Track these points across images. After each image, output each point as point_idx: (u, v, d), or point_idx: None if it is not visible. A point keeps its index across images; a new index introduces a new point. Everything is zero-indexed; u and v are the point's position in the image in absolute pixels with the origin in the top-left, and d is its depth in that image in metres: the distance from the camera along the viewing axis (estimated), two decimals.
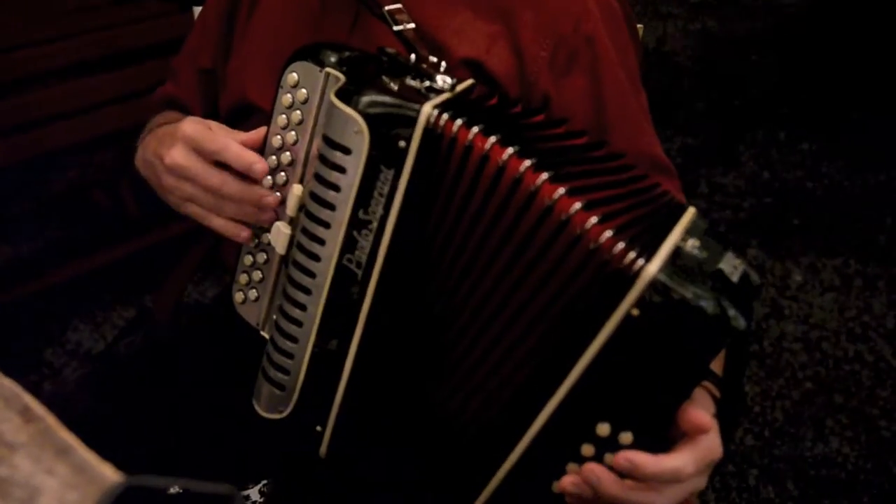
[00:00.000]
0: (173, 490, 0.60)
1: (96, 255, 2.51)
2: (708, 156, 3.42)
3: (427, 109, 0.86)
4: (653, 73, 4.12)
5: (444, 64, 0.97)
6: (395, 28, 1.06)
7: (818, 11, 4.60)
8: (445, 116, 0.85)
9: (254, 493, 1.12)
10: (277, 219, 0.98)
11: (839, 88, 3.85)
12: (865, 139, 3.48)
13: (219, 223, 0.99)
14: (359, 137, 0.86)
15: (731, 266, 0.81)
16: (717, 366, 0.90)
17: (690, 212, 0.86)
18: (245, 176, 0.96)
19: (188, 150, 0.97)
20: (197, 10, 1.91)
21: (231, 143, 0.96)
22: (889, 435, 2.22)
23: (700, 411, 0.78)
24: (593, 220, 0.80)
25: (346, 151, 0.87)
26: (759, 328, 2.59)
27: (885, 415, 2.28)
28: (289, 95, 0.95)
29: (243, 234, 1.00)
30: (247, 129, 1.01)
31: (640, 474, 0.78)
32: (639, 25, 1.25)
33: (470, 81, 0.96)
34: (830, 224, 3.03)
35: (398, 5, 1.07)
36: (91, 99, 2.27)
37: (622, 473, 0.79)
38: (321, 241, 0.90)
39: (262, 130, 0.99)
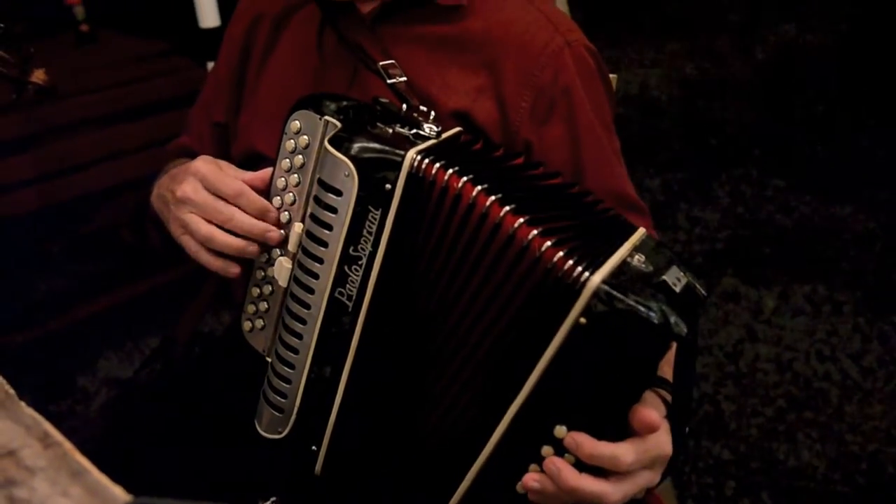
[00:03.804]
0: None
1: (124, 288, 2.53)
2: (687, 192, 3.43)
3: (411, 155, 0.87)
4: (636, 115, 4.15)
5: (433, 113, 0.99)
6: (389, 81, 1.07)
7: (787, 59, 4.63)
8: (427, 161, 0.87)
9: None
10: (281, 254, 0.99)
11: (807, 129, 3.86)
12: (831, 176, 3.48)
13: (207, 258, 0.99)
14: (349, 180, 0.88)
15: (675, 278, 0.82)
16: (669, 373, 0.90)
17: (640, 231, 0.87)
18: None
19: (199, 185, 0.98)
20: (210, 64, 1.94)
21: (247, 189, 0.97)
22: (856, 448, 2.21)
23: (649, 410, 0.79)
24: (548, 243, 0.81)
25: (338, 193, 0.89)
26: (735, 351, 2.58)
27: (851, 429, 2.26)
28: (292, 141, 0.97)
29: (232, 269, 0.99)
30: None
31: (580, 453, 0.79)
32: (613, 75, 1.26)
33: (457, 129, 0.98)
34: (800, 254, 3.03)
35: (392, 61, 1.09)
36: (119, 147, 2.30)
37: (578, 466, 0.80)
38: (315, 276, 0.92)
39: (267, 171, 0.99)
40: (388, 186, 0.87)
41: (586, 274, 0.78)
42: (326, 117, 0.93)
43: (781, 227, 3.19)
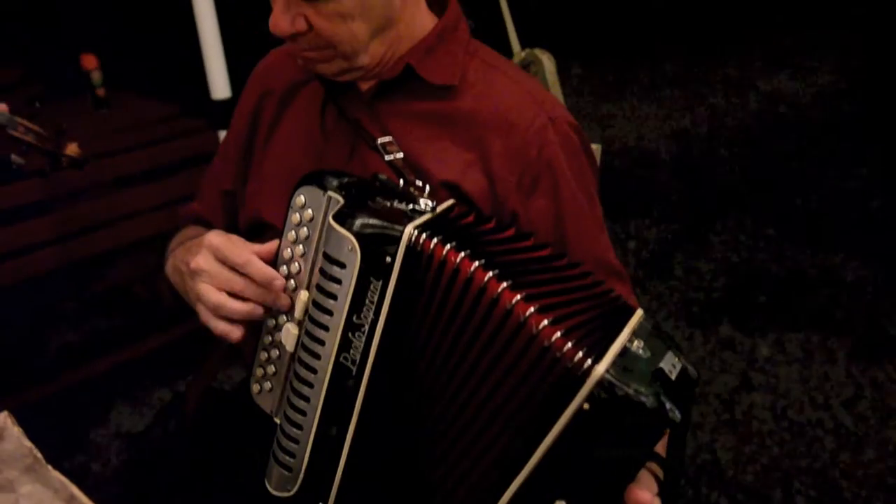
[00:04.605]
0: None
1: (137, 343, 2.58)
2: (682, 242, 3.48)
3: (409, 230, 0.93)
4: (632, 166, 4.22)
5: (427, 187, 1.05)
6: (387, 158, 1.13)
7: (779, 110, 4.72)
8: (424, 236, 0.92)
9: None
10: (287, 320, 1.04)
11: (799, 178, 3.93)
12: (823, 224, 3.54)
13: (215, 324, 1.03)
14: (352, 254, 0.93)
15: (671, 364, 0.87)
16: (661, 448, 0.95)
17: (638, 314, 0.92)
18: None
19: (212, 257, 1.03)
20: (221, 133, 2.01)
21: (254, 258, 1.02)
22: (850, 495, 2.23)
23: (644, 491, 0.83)
24: (545, 321, 0.86)
25: (342, 266, 0.94)
26: (731, 399, 2.61)
27: (845, 476, 2.29)
28: (297, 215, 1.02)
29: (235, 333, 1.03)
30: (262, 242, 1.07)
31: None
32: (596, 146, 1.32)
33: (450, 202, 1.03)
34: (793, 302, 3.07)
35: (389, 138, 1.15)
36: (133, 207, 2.37)
37: None
38: (321, 342, 0.97)
39: (274, 243, 1.05)
40: (388, 259, 0.93)
41: (589, 362, 0.83)
42: (330, 192, 0.99)
43: (775, 275, 3.24)
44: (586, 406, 0.83)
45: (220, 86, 1.98)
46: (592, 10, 5.87)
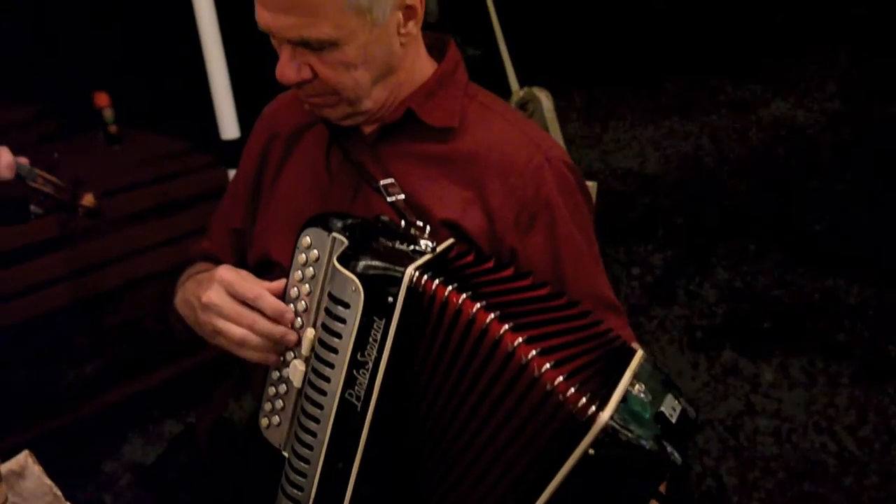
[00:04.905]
0: None
1: (148, 375, 2.61)
2: (686, 267, 3.51)
3: (410, 271, 0.96)
4: (637, 192, 4.25)
5: (428, 228, 1.08)
6: (389, 199, 1.17)
7: (780, 136, 4.76)
8: (425, 277, 0.96)
9: None
10: (294, 357, 1.07)
11: (801, 203, 3.96)
12: (825, 249, 3.56)
13: (248, 354, 1.07)
14: (356, 295, 0.97)
15: (671, 408, 0.91)
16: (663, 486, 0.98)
17: (638, 356, 0.95)
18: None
19: (223, 292, 1.07)
20: (231, 172, 2.06)
21: (265, 293, 1.06)
22: None
23: None
24: (548, 365, 0.89)
25: (346, 306, 0.98)
26: (735, 424, 2.62)
27: (849, 499, 2.30)
28: (303, 255, 1.06)
29: (272, 357, 1.08)
30: (269, 279, 1.10)
31: None
32: (591, 183, 1.35)
33: (449, 242, 1.07)
34: (796, 327, 3.09)
35: (391, 180, 1.19)
36: (144, 243, 2.42)
37: None
38: (327, 379, 1.00)
39: (282, 282, 1.08)
40: (391, 299, 0.96)
41: (593, 408, 0.87)
42: (334, 234, 1.03)
43: (778, 300, 3.26)
44: (591, 451, 0.86)
45: (229, 126, 2.04)
46: (594, 36, 5.94)
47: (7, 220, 2.09)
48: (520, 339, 0.91)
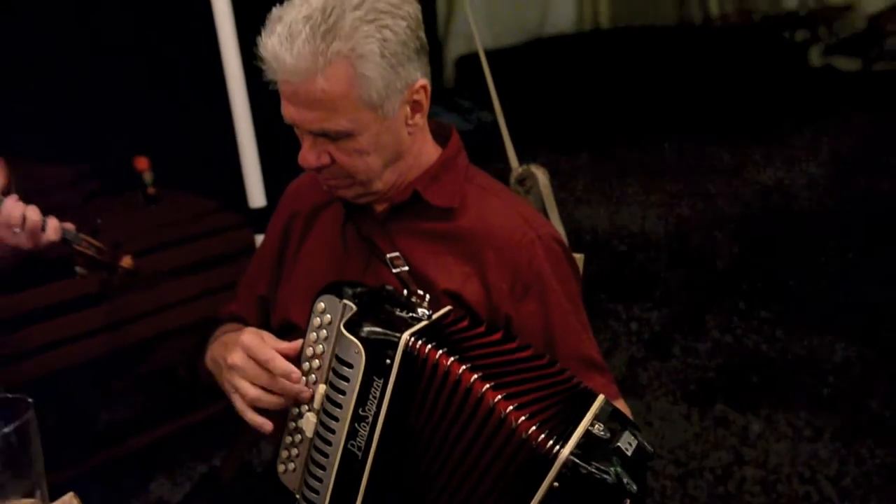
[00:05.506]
0: None
1: (177, 419, 2.72)
2: (680, 324, 3.60)
3: (405, 336, 1.08)
4: (635, 251, 4.36)
5: (428, 296, 1.20)
6: (395, 271, 1.29)
7: (771, 199, 4.86)
8: (420, 342, 1.08)
9: None
10: (308, 410, 1.18)
11: (790, 263, 4.04)
12: (812, 307, 3.64)
13: (251, 416, 1.19)
14: (358, 356, 1.09)
15: (627, 443, 1.03)
16: None
17: (599, 399, 1.07)
18: None
19: (244, 354, 1.19)
20: (258, 237, 2.18)
21: (277, 355, 1.17)
22: None
23: None
24: (523, 417, 1.03)
25: (350, 366, 1.09)
26: (725, 473, 2.69)
27: None
28: (318, 319, 1.18)
29: (267, 427, 1.19)
30: (290, 339, 1.22)
31: None
32: (578, 255, 1.46)
33: (446, 309, 1.19)
34: (783, 381, 3.16)
35: (396, 253, 1.32)
36: (177, 297, 2.54)
37: None
38: (333, 431, 1.11)
39: (298, 342, 1.20)
40: (388, 361, 1.08)
41: (557, 447, 0.99)
42: (345, 300, 1.15)
43: (767, 356, 3.34)
44: (556, 484, 0.98)
45: (257, 196, 2.17)
46: (598, 102, 6.13)
47: (53, 278, 2.22)
48: (499, 397, 1.04)
